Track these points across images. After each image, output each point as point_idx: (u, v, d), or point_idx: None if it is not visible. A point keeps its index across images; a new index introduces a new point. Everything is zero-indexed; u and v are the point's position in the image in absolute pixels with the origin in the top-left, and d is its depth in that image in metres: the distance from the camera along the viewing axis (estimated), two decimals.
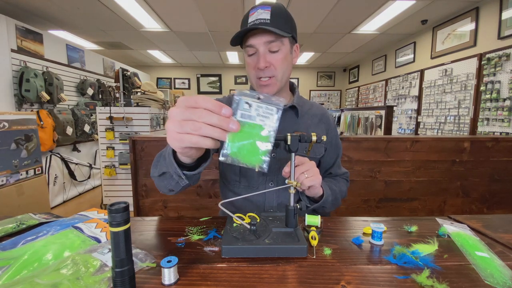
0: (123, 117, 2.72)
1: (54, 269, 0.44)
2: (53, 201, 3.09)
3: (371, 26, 4.14)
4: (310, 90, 7.82)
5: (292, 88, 0.90)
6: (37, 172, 2.24)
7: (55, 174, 3.13)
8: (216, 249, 0.54)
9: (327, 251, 0.54)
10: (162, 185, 0.66)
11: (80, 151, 3.59)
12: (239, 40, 0.76)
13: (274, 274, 0.46)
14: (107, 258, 0.47)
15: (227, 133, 0.42)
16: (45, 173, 2.84)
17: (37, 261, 0.47)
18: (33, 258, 0.48)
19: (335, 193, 0.80)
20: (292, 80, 0.90)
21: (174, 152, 0.56)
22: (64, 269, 0.44)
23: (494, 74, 2.94)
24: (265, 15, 0.70)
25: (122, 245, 0.38)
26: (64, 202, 3.27)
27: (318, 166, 0.90)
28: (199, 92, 7.64)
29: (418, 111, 4.24)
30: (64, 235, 0.55)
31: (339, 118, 4.49)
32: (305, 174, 0.65)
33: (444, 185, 1.55)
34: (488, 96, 2.97)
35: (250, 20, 0.73)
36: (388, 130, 3.11)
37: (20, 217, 0.67)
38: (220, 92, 7.64)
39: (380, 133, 3.28)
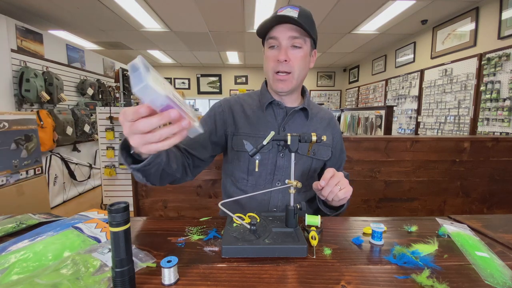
0: None
1: (54, 269, 0.44)
2: (53, 201, 3.09)
3: (371, 26, 4.14)
4: (310, 90, 7.81)
5: (303, 92, 0.92)
6: (37, 172, 2.24)
7: (55, 174, 3.13)
8: (216, 249, 0.54)
9: (327, 251, 0.54)
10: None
11: (80, 151, 3.59)
12: (264, 31, 0.78)
13: (274, 274, 0.46)
14: (107, 258, 0.47)
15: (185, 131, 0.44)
16: (45, 173, 2.84)
17: (37, 261, 0.47)
18: (33, 258, 0.48)
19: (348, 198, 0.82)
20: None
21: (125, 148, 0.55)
22: (64, 269, 0.44)
23: (494, 74, 2.94)
24: (293, 13, 0.72)
25: (122, 245, 0.38)
26: (64, 202, 3.27)
27: (323, 169, 0.91)
28: (199, 92, 7.64)
29: (418, 111, 4.24)
30: (64, 235, 0.55)
31: (339, 118, 4.49)
32: (338, 186, 0.66)
33: (444, 185, 1.55)
34: (488, 96, 2.97)
35: (277, 14, 0.74)
36: (388, 130, 3.11)
37: (20, 217, 0.67)
38: (220, 92, 7.64)
39: (380, 133, 3.28)
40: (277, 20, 0.73)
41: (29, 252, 0.49)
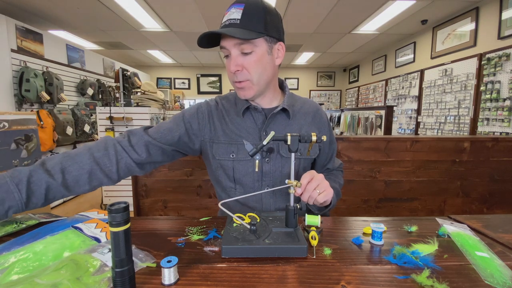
0: (123, 117, 2.72)
1: (54, 269, 0.44)
2: None
3: (371, 26, 4.14)
4: (310, 90, 7.82)
5: (282, 87, 0.86)
6: None
7: None
8: (216, 249, 0.54)
9: (327, 251, 0.54)
10: None
11: None
12: (211, 42, 0.72)
13: (274, 274, 0.46)
14: (107, 258, 0.47)
15: None
16: None
17: (37, 261, 0.47)
18: (33, 258, 0.48)
19: (337, 191, 0.81)
20: (281, 78, 0.86)
21: None
22: (64, 269, 0.44)
23: (494, 74, 2.94)
24: (236, 14, 0.66)
25: (122, 245, 0.38)
26: (64, 202, 3.27)
27: (314, 163, 0.91)
28: (199, 92, 7.64)
29: (418, 111, 4.24)
30: (64, 235, 0.55)
31: (339, 118, 4.49)
32: (317, 190, 0.64)
33: (444, 185, 1.55)
34: (488, 96, 2.97)
35: (223, 20, 0.69)
36: (388, 130, 3.11)
37: (20, 217, 0.67)
38: (220, 92, 7.64)
39: (380, 133, 3.28)
40: (209, 33, 0.67)
41: (29, 252, 0.49)
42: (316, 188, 0.64)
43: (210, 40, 0.71)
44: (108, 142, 0.70)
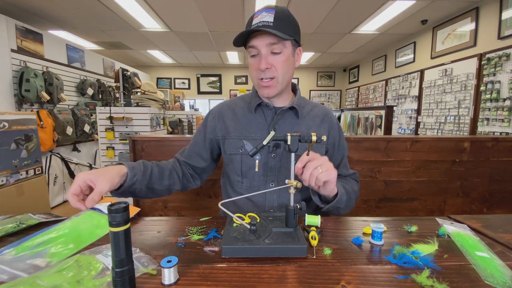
0: (123, 117, 2.72)
1: (57, 270, 0.44)
2: (53, 201, 3.09)
3: (371, 26, 4.14)
4: (310, 90, 7.81)
5: (294, 89, 0.91)
6: (37, 172, 2.24)
7: (55, 174, 3.13)
8: (216, 249, 0.54)
9: (327, 251, 0.54)
10: None
11: (80, 151, 3.59)
12: (242, 41, 0.77)
13: (274, 274, 0.46)
14: (110, 261, 0.47)
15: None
16: (45, 173, 2.83)
17: (73, 241, 0.52)
18: (69, 237, 0.52)
19: (349, 193, 0.78)
20: (293, 81, 0.90)
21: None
22: (66, 270, 0.44)
23: (494, 74, 2.94)
24: (269, 18, 0.72)
25: (122, 245, 0.38)
26: (64, 202, 3.27)
27: None
28: (199, 92, 7.64)
29: (418, 111, 4.24)
30: (89, 216, 0.57)
31: (339, 118, 4.48)
32: (319, 169, 0.61)
33: (444, 185, 1.55)
34: (488, 96, 2.97)
35: (254, 22, 0.74)
36: (388, 130, 3.11)
37: (20, 217, 0.68)
38: (220, 92, 7.64)
39: (380, 133, 3.28)
40: (251, 31, 0.73)
41: (63, 231, 0.52)
42: (319, 167, 0.61)
43: (240, 39, 0.76)
44: None
